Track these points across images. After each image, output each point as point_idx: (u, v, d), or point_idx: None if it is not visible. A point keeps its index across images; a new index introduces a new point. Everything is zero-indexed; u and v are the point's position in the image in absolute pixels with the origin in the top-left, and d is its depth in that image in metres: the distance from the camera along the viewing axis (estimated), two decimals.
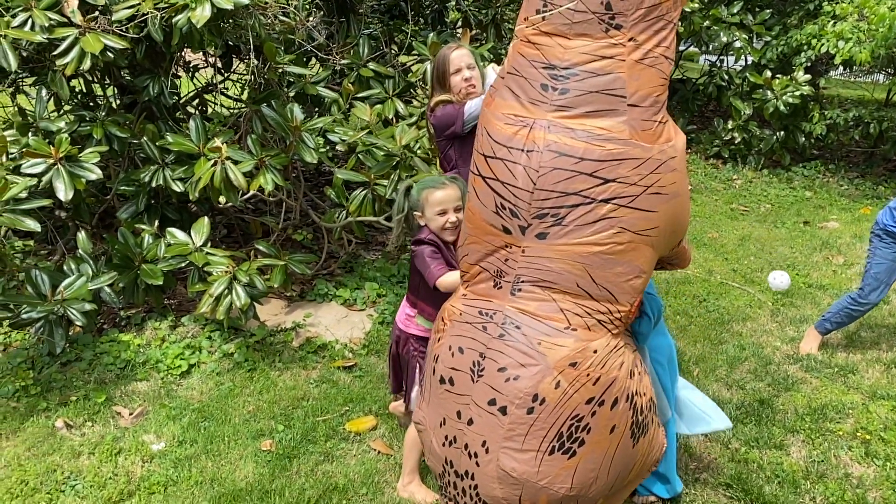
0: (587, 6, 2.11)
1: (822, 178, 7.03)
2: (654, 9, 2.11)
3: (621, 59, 2.12)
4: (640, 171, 2.13)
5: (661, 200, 2.17)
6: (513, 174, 2.20)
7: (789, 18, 7.22)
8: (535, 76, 2.19)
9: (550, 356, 2.15)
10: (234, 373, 3.63)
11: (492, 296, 2.29)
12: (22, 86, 4.71)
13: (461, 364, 2.28)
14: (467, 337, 2.29)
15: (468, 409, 2.24)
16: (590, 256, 2.15)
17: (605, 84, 2.12)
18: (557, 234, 2.16)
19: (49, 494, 2.80)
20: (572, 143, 2.12)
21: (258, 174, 3.70)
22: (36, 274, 3.43)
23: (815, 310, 4.30)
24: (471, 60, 3.20)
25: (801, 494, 2.77)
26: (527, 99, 2.21)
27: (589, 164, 2.11)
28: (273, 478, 2.89)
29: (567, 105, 2.14)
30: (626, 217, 2.14)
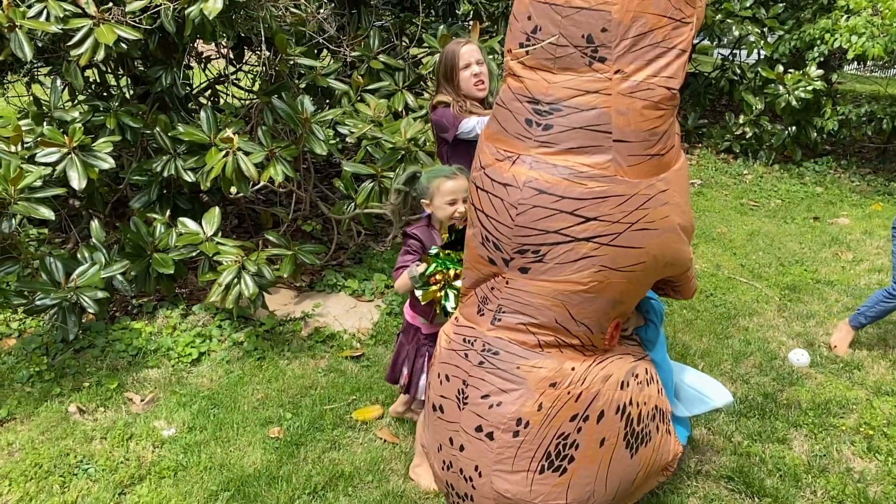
0: (568, 40, 2.04)
1: (834, 174, 6.99)
2: (644, 38, 2.02)
3: (607, 94, 2.04)
4: (624, 209, 2.07)
5: (649, 236, 2.13)
6: (495, 208, 2.18)
7: (803, 13, 7.17)
8: (520, 110, 2.14)
9: (530, 379, 2.17)
10: (244, 361, 3.68)
11: (475, 321, 2.31)
12: (37, 75, 4.78)
13: (448, 392, 2.32)
14: (452, 364, 2.33)
15: (458, 435, 2.28)
16: (570, 295, 2.14)
17: (590, 120, 2.05)
18: (538, 271, 2.14)
19: (62, 477, 2.86)
20: (553, 181, 2.07)
21: (269, 165, 3.74)
22: (50, 261, 3.49)
23: (822, 305, 4.30)
24: (480, 56, 3.18)
25: (802, 488, 2.79)
26: (512, 132, 2.16)
27: (569, 203, 2.07)
28: (280, 464, 2.94)
29: (550, 141, 2.08)
30: (609, 255, 2.10)
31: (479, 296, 2.31)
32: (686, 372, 2.81)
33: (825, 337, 3.93)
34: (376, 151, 3.93)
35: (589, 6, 2.00)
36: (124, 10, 3.57)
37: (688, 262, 2.33)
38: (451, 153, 3.17)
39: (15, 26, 3.43)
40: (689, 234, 2.32)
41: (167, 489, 2.80)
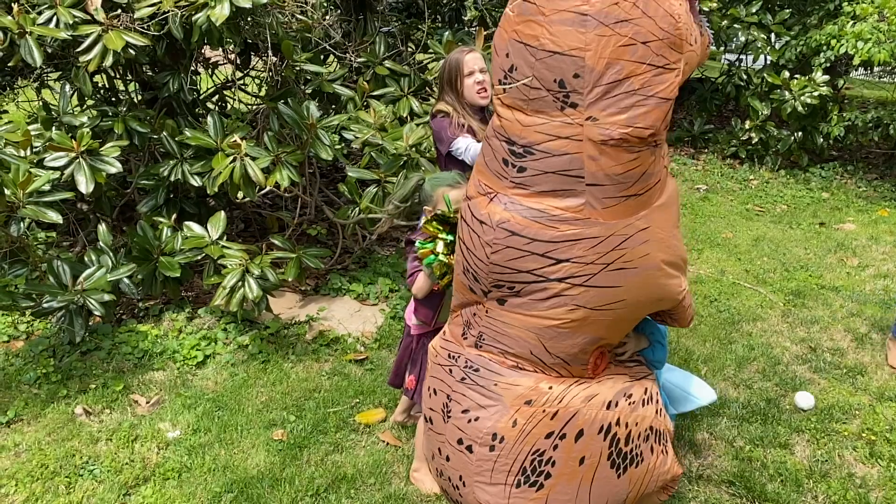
0: (541, 83, 1.99)
1: (840, 180, 6.98)
2: (619, 85, 1.94)
3: (578, 140, 1.99)
4: (598, 250, 2.05)
5: (627, 275, 2.10)
6: (473, 242, 2.19)
7: (809, 18, 7.18)
8: (499, 149, 2.12)
9: (506, 396, 2.20)
10: (249, 364, 3.71)
11: (460, 342, 2.35)
12: (47, 80, 4.83)
13: (435, 405, 2.37)
14: (438, 378, 2.38)
15: (444, 446, 2.33)
16: (544, 329, 2.15)
17: (562, 165, 2.01)
18: (514, 303, 2.16)
19: (67, 478, 2.89)
20: (524, 224, 2.07)
21: (274, 170, 3.77)
22: (57, 264, 3.52)
23: (826, 311, 4.30)
24: (483, 64, 3.18)
25: (804, 493, 2.79)
26: (492, 169, 2.16)
27: (541, 245, 2.06)
28: (284, 466, 2.96)
29: (524, 183, 2.07)
30: (582, 295, 2.09)
31: (464, 318, 2.34)
32: (672, 372, 2.84)
33: (829, 342, 3.93)
34: (380, 157, 3.96)
35: (561, 51, 1.95)
36: (132, 17, 3.61)
37: (677, 297, 2.29)
38: (447, 162, 3.20)
39: (25, 33, 3.48)
40: (680, 267, 2.27)
41: (171, 490, 2.83)
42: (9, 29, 3.44)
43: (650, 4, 1.93)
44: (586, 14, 1.91)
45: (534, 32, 1.98)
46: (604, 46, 1.92)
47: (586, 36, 1.92)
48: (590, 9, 1.91)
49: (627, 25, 1.91)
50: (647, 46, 1.93)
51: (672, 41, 1.96)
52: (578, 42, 1.92)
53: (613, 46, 1.92)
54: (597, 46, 1.92)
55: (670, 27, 1.95)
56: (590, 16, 1.91)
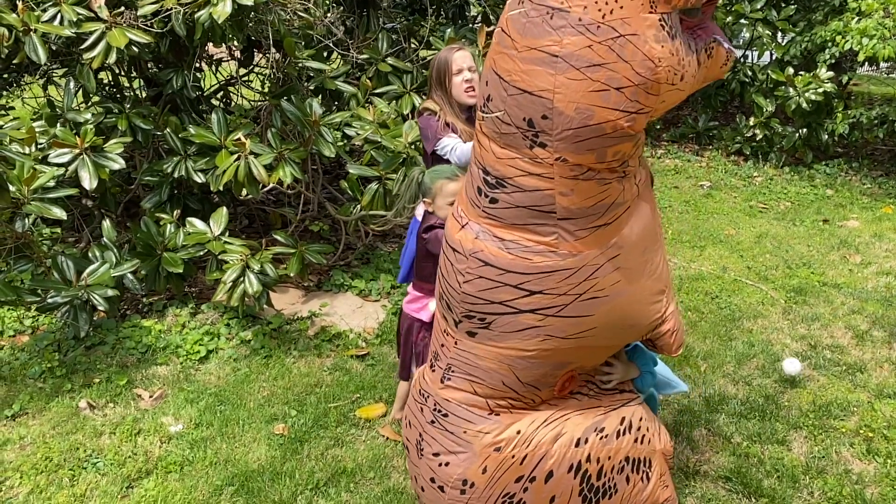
0: (511, 119, 1.92)
1: (845, 177, 6.96)
2: (589, 129, 1.86)
3: (549, 178, 1.94)
4: (571, 281, 2.03)
5: (598, 304, 2.08)
6: (447, 270, 2.17)
7: (814, 14, 7.15)
8: (476, 176, 2.08)
9: (475, 443, 2.20)
10: (251, 359, 3.74)
11: (429, 377, 2.34)
12: (54, 77, 4.87)
13: (410, 437, 2.39)
14: (412, 412, 2.40)
15: (420, 478, 2.35)
16: (516, 360, 2.13)
17: (533, 200, 1.97)
18: (485, 336, 2.13)
19: (71, 471, 2.93)
20: (497, 255, 2.03)
21: (277, 167, 3.79)
22: (62, 260, 3.56)
23: (827, 308, 4.30)
24: (472, 63, 3.16)
25: (800, 489, 2.81)
26: (469, 196, 2.12)
27: (514, 277, 2.03)
28: (284, 460, 2.99)
29: (496, 215, 2.03)
30: (554, 325, 2.07)
31: (432, 349, 2.34)
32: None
33: (829, 339, 3.94)
34: (380, 154, 3.98)
35: (530, 90, 1.86)
36: (136, 14, 3.64)
37: (652, 322, 2.25)
38: (433, 160, 3.18)
39: (30, 30, 3.52)
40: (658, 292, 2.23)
41: (173, 483, 2.87)
42: (13, 26, 3.48)
43: (626, 48, 1.79)
44: (556, 56, 1.80)
45: (507, 66, 1.90)
46: (574, 90, 1.81)
47: (556, 78, 1.81)
48: (561, 50, 1.80)
49: (600, 70, 1.79)
50: (620, 92, 1.82)
51: (649, 86, 1.84)
52: (547, 84, 1.83)
53: (584, 91, 1.81)
54: (566, 90, 1.81)
55: (648, 72, 1.82)
56: (560, 57, 1.80)
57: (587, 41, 1.78)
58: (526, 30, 1.83)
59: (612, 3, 1.77)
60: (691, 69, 1.93)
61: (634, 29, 1.78)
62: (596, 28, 1.77)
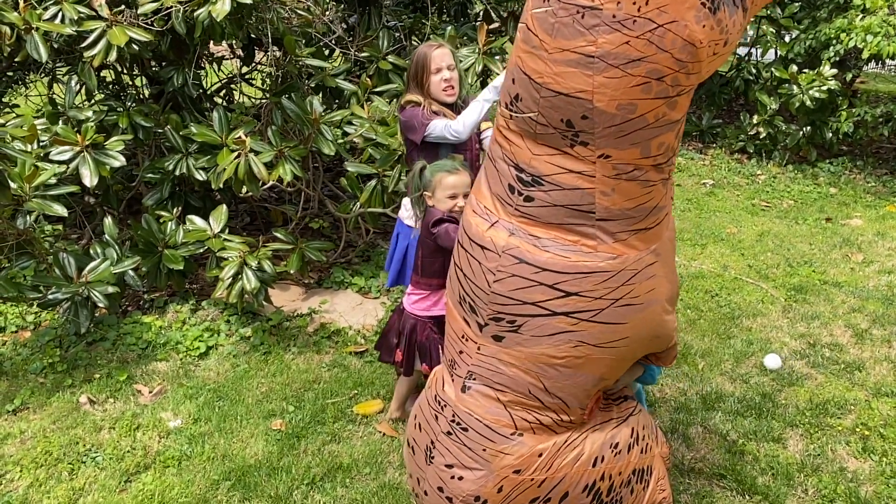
0: (548, 120, 1.83)
1: (849, 175, 6.94)
2: (632, 122, 1.79)
3: (590, 175, 1.85)
4: (608, 285, 1.93)
5: (633, 311, 1.99)
6: (472, 269, 2.05)
7: (819, 12, 7.13)
8: (505, 173, 1.98)
9: (494, 463, 2.11)
10: (250, 355, 3.77)
11: (447, 385, 2.23)
12: (59, 76, 4.90)
13: (419, 440, 2.30)
14: (424, 417, 2.29)
15: (424, 482, 2.26)
16: (544, 367, 2.03)
17: (572, 199, 1.89)
18: (513, 340, 2.02)
19: (71, 465, 2.96)
20: (534, 252, 1.94)
21: (277, 165, 3.81)
22: (63, 257, 3.59)
23: (827, 307, 4.29)
24: (451, 61, 3.13)
25: (794, 487, 2.81)
26: (495, 192, 2.02)
27: (550, 276, 1.93)
28: (281, 456, 3.01)
29: (531, 214, 1.94)
30: (588, 331, 1.97)
31: (448, 357, 2.22)
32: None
33: (828, 338, 3.93)
34: (378, 151, 4.00)
35: (567, 92, 1.77)
36: (136, 13, 3.66)
37: (673, 334, 2.21)
38: (421, 154, 3.15)
39: (31, 28, 3.55)
40: (674, 303, 2.21)
41: (171, 478, 2.89)
42: (15, 24, 3.51)
43: (666, 37, 1.69)
44: (592, 56, 1.71)
45: (537, 68, 1.80)
46: (614, 88, 1.73)
47: (594, 79, 1.73)
48: (597, 50, 1.70)
49: (641, 65, 1.71)
50: (661, 82, 1.74)
51: (689, 68, 1.76)
52: (585, 85, 1.74)
53: (625, 88, 1.73)
54: (606, 89, 1.73)
55: (689, 56, 1.73)
56: (597, 58, 1.70)
57: (624, 38, 1.68)
58: (555, 31, 1.74)
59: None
60: (737, 28, 1.82)
61: (673, 15, 1.68)
62: (632, 23, 1.67)
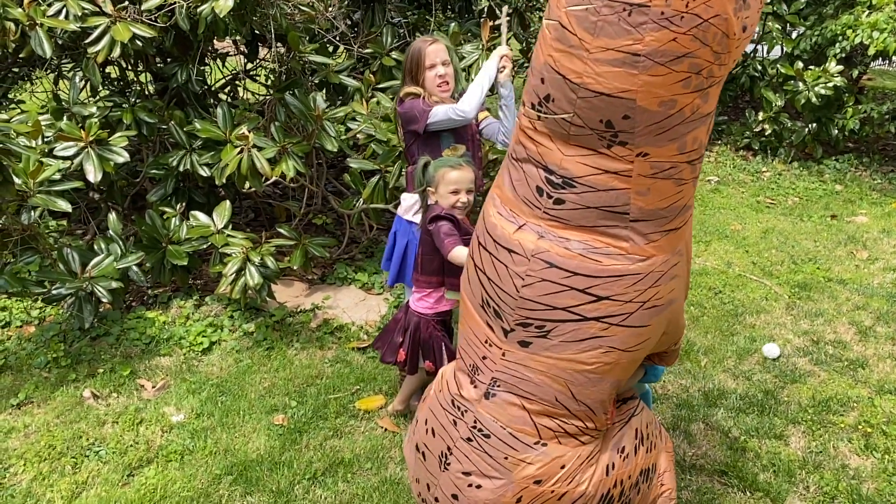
0: (584, 122, 1.77)
1: (855, 172, 6.91)
2: (673, 118, 1.75)
3: (627, 175, 1.81)
4: (638, 287, 1.90)
5: (655, 313, 1.96)
6: (497, 273, 1.99)
7: (825, 8, 7.09)
8: (533, 174, 1.92)
9: (515, 472, 2.06)
10: (253, 351, 3.78)
11: (467, 390, 2.17)
12: (65, 72, 4.92)
13: (432, 446, 2.23)
14: (439, 422, 2.22)
15: (436, 489, 2.21)
16: (573, 374, 1.99)
17: (606, 201, 1.84)
18: (541, 346, 1.97)
19: (74, 459, 2.98)
20: (565, 255, 1.89)
21: (280, 161, 3.82)
22: (67, 252, 3.61)
23: (831, 304, 4.28)
24: (446, 56, 3.11)
25: (796, 483, 2.80)
26: (520, 195, 1.96)
27: (582, 280, 1.88)
28: (283, 450, 3.02)
29: (561, 217, 1.89)
30: (618, 336, 1.94)
31: (468, 363, 2.16)
32: None
33: (832, 335, 3.92)
34: (380, 147, 4.00)
35: (609, 93, 1.72)
36: (140, 9, 3.67)
37: (682, 332, 2.19)
38: (422, 147, 3.13)
39: (35, 24, 3.56)
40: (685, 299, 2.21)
41: (173, 472, 2.90)
42: (19, 21, 3.52)
43: (709, 31, 1.66)
44: (639, 54, 1.67)
45: (575, 68, 1.73)
46: (658, 86, 1.70)
47: (639, 78, 1.69)
48: (644, 48, 1.66)
49: (685, 60, 1.68)
50: (699, 75, 1.72)
51: (721, 59, 1.74)
52: (629, 84, 1.70)
53: (668, 84, 1.70)
54: (650, 87, 1.70)
55: (723, 48, 1.72)
56: (643, 55, 1.66)
57: (671, 34, 1.64)
58: (598, 29, 1.68)
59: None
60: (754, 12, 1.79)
61: (717, 10, 1.65)
62: (680, 19, 1.63)
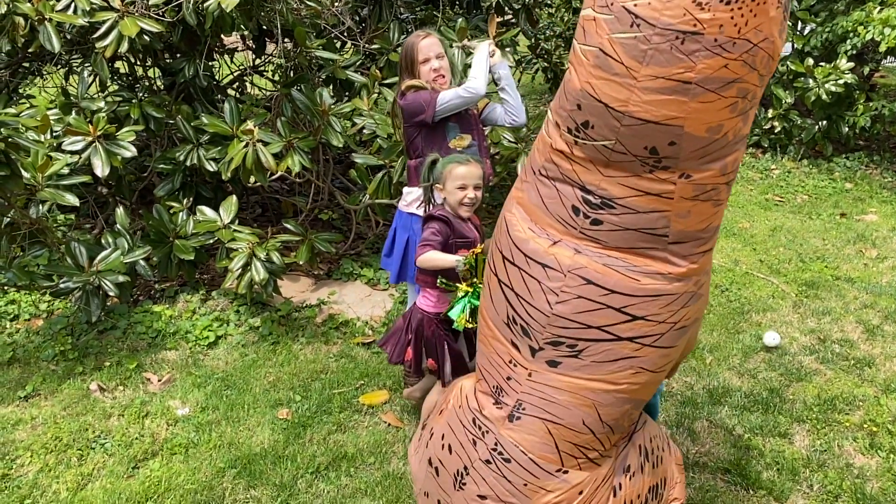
0: (627, 148, 1.74)
1: (865, 170, 6.86)
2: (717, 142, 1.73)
3: (668, 198, 1.78)
4: (672, 308, 1.88)
5: (682, 333, 1.94)
6: (529, 290, 1.94)
7: (836, 4, 7.04)
8: (568, 193, 1.88)
9: (534, 500, 2.03)
10: (259, 345, 3.79)
11: (489, 411, 2.12)
12: (74, 67, 4.94)
13: (447, 463, 2.19)
14: (457, 440, 2.18)
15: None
16: (603, 394, 1.94)
17: (646, 223, 1.81)
18: (571, 366, 1.92)
19: (80, 451, 3.00)
20: (604, 272, 1.85)
21: (286, 155, 3.83)
22: (75, 246, 3.63)
23: (839, 302, 4.25)
24: (440, 50, 3.10)
25: (799, 482, 2.79)
26: (553, 213, 1.91)
27: (619, 298, 1.85)
28: (287, 444, 3.03)
29: (598, 238, 1.86)
30: (648, 356, 1.91)
31: (492, 384, 2.11)
32: None
33: (839, 333, 3.90)
34: (384, 142, 4.00)
35: (657, 120, 1.69)
36: (148, 3, 3.69)
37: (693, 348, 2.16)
38: (426, 139, 3.11)
39: (44, 19, 3.58)
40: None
41: (177, 465, 2.92)
42: (28, 15, 3.54)
43: (758, 56, 1.66)
44: (691, 82, 1.65)
45: (619, 96, 1.69)
46: (706, 112, 1.68)
47: (689, 105, 1.67)
48: (696, 76, 1.64)
49: (734, 86, 1.67)
50: (745, 99, 1.72)
51: (764, 80, 1.74)
52: (679, 111, 1.68)
53: (716, 110, 1.69)
54: (699, 114, 1.68)
55: (768, 70, 1.72)
56: (695, 83, 1.65)
57: (723, 61, 1.63)
58: (649, 58, 1.65)
59: (748, 13, 1.60)
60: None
61: (766, 34, 1.65)
62: (732, 45, 1.62)
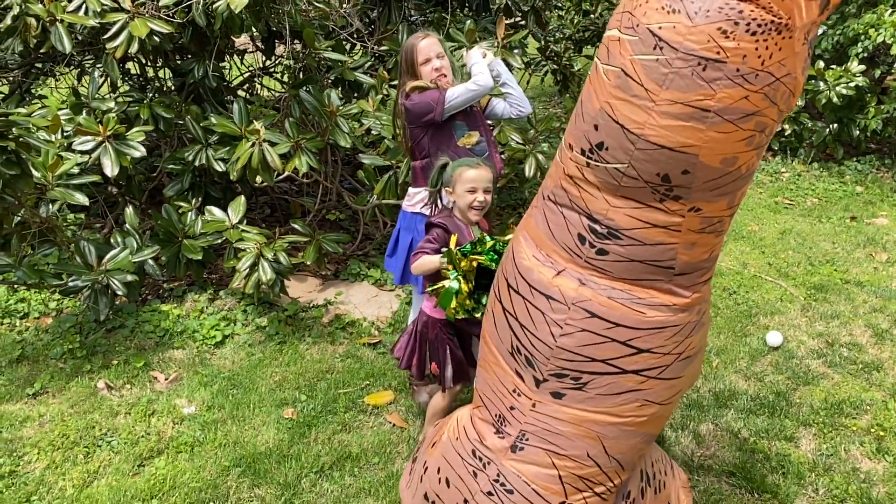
0: (639, 173, 1.71)
1: (876, 173, 6.81)
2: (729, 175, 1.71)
3: (676, 230, 1.76)
4: (676, 339, 1.87)
5: (687, 364, 1.92)
6: (532, 320, 1.92)
7: (847, 7, 6.99)
8: (574, 221, 1.86)
9: None
10: (265, 345, 3.81)
11: (491, 441, 2.09)
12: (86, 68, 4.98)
13: (446, 497, 2.16)
14: (455, 473, 2.14)
15: None
16: (608, 427, 1.92)
17: (652, 255, 1.80)
18: (575, 398, 1.90)
19: (86, 448, 3.02)
20: (608, 305, 1.83)
21: (294, 156, 3.85)
22: (84, 245, 3.66)
23: (848, 306, 4.23)
24: (440, 49, 3.10)
25: (805, 486, 2.78)
26: (559, 240, 1.90)
27: (624, 332, 1.83)
28: (292, 444, 3.05)
29: (603, 268, 1.84)
30: (653, 389, 1.89)
31: (494, 413, 2.08)
32: None
33: (847, 337, 3.87)
34: (391, 143, 4.01)
35: (671, 147, 1.66)
36: (158, 4, 3.72)
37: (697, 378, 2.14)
38: (433, 139, 3.09)
39: (56, 20, 3.61)
40: None
41: (183, 463, 2.94)
42: (40, 16, 3.57)
43: (779, 90, 1.63)
44: (709, 110, 1.62)
45: (636, 118, 1.68)
46: (722, 143, 1.66)
47: (705, 133, 1.64)
48: (715, 104, 1.61)
49: (753, 119, 1.64)
50: (762, 133, 1.69)
51: (783, 116, 1.72)
52: (694, 139, 1.65)
53: (733, 142, 1.66)
54: (714, 144, 1.65)
55: (788, 106, 1.70)
56: (713, 112, 1.62)
57: (744, 92, 1.61)
58: (669, 82, 1.63)
59: (773, 46, 1.58)
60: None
61: (789, 69, 1.63)
62: (754, 77, 1.60)
